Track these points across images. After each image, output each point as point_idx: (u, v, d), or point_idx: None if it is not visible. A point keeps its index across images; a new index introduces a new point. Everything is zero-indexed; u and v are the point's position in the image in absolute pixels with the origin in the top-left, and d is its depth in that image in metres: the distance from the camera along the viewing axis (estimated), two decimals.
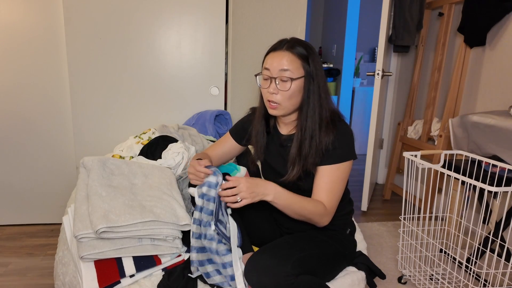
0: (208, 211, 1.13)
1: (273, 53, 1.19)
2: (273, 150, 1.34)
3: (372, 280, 1.31)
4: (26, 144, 2.27)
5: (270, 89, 1.18)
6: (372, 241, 2.23)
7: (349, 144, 1.20)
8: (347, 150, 1.20)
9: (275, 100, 1.18)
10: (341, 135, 1.19)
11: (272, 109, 1.21)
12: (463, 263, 1.70)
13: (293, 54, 1.17)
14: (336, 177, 1.19)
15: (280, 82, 1.17)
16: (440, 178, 2.46)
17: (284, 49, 1.18)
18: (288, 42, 1.19)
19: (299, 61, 1.17)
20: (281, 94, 1.17)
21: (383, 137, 3.30)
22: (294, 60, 1.17)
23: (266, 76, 1.19)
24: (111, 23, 2.10)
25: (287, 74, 1.15)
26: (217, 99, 2.30)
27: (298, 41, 1.20)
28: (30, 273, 1.87)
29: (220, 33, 2.21)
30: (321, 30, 4.75)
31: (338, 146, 1.18)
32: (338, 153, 1.18)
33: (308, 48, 1.19)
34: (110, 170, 1.42)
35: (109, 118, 2.21)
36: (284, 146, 1.29)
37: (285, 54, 1.17)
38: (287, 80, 1.16)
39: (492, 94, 2.22)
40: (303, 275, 1.06)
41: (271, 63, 1.17)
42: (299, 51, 1.17)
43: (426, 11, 2.72)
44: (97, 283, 1.09)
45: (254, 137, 1.35)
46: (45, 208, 2.37)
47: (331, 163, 1.19)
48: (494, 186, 1.56)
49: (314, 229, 1.30)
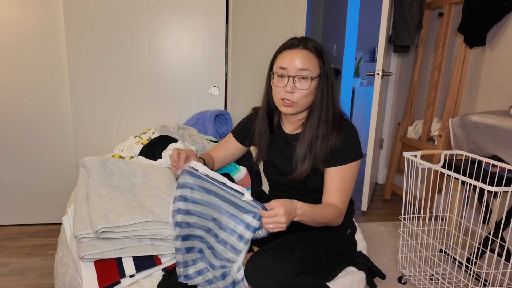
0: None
1: (288, 51, 1.18)
2: (276, 149, 1.34)
3: (372, 280, 1.31)
4: (26, 144, 2.27)
5: (288, 87, 1.16)
6: (372, 241, 2.23)
7: (356, 144, 1.21)
8: (355, 150, 1.21)
9: (291, 98, 1.17)
10: (348, 135, 1.20)
11: (286, 107, 1.19)
12: (463, 263, 1.70)
13: (311, 52, 1.16)
14: (347, 177, 1.20)
15: (298, 81, 1.16)
16: (440, 178, 2.46)
17: (301, 48, 1.17)
18: (302, 40, 1.18)
19: (316, 60, 1.17)
20: (298, 93, 1.16)
21: (383, 137, 3.30)
22: (312, 58, 1.16)
23: (283, 74, 1.17)
24: (111, 23, 2.10)
25: (305, 73, 1.15)
26: (217, 99, 2.30)
27: (310, 39, 1.19)
28: (30, 273, 1.87)
29: (220, 33, 2.21)
30: (321, 30, 4.75)
31: (345, 147, 1.19)
32: (346, 154, 1.19)
33: (321, 46, 1.19)
34: (110, 170, 1.42)
35: (109, 118, 2.21)
36: (289, 144, 1.29)
37: (303, 53, 1.16)
38: (306, 79, 1.15)
39: (492, 94, 2.22)
40: (303, 275, 1.06)
41: (289, 61, 1.16)
42: (316, 49, 1.17)
43: (426, 11, 2.72)
44: (97, 283, 1.09)
45: (257, 136, 1.34)
46: (45, 208, 2.37)
47: (340, 164, 1.19)
48: (494, 186, 1.56)
49: (315, 229, 1.30)
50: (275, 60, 1.22)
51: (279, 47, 1.22)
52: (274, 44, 2.39)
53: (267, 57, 2.35)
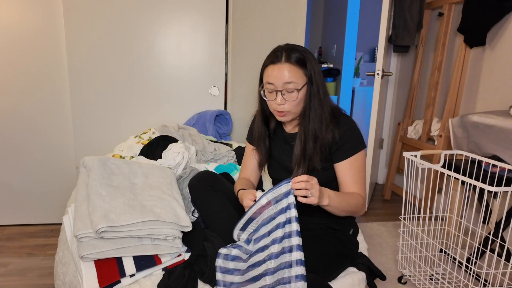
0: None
1: (272, 66, 1.20)
2: (279, 149, 1.37)
3: (372, 281, 1.31)
4: (26, 144, 2.27)
5: (277, 101, 1.21)
6: (372, 241, 2.23)
7: (358, 135, 1.25)
8: (358, 140, 1.25)
9: (283, 109, 1.22)
10: (346, 128, 1.23)
11: (281, 116, 1.24)
12: (463, 263, 1.70)
13: (293, 65, 1.19)
14: (357, 167, 1.24)
15: (286, 93, 1.20)
16: (440, 178, 2.46)
17: (283, 62, 1.19)
18: (284, 52, 1.20)
19: (300, 70, 1.19)
20: (288, 104, 1.21)
21: (383, 137, 3.30)
22: (295, 70, 1.19)
23: (271, 89, 1.21)
24: (111, 23, 2.10)
25: (291, 86, 1.18)
26: (217, 99, 2.30)
27: (293, 48, 1.21)
28: (30, 273, 1.87)
29: (220, 33, 2.22)
30: (321, 30, 4.75)
31: (348, 139, 1.23)
32: (351, 145, 1.23)
33: (303, 52, 1.21)
34: (110, 169, 1.42)
35: (109, 118, 2.21)
36: (289, 144, 1.33)
37: (285, 67, 1.18)
38: (292, 91, 1.19)
39: (492, 94, 2.22)
40: (305, 274, 1.06)
41: (275, 77, 1.19)
42: (298, 59, 1.19)
43: (426, 11, 2.72)
44: (97, 283, 1.09)
45: (256, 141, 1.38)
46: (45, 208, 2.37)
47: (348, 156, 1.23)
48: (494, 186, 1.56)
49: (318, 228, 1.31)
50: (263, 73, 1.25)
51: (265, 59, 1.25)
52: (274, 44, 2.37)
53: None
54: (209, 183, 1.37)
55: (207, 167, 1.72)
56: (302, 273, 0.99)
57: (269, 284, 1.03)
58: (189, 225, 1.24)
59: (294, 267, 1.00)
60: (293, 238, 1.04)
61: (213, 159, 1.85)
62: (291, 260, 1.02)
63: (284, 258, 1.03)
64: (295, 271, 1.00)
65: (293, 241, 1.03)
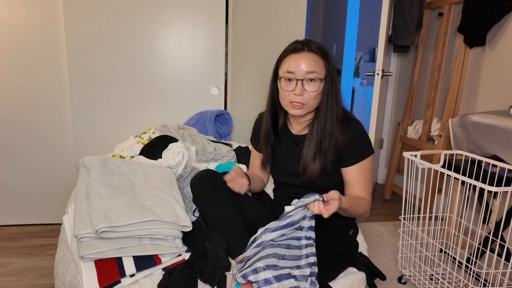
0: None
1: (293, 55, 1.19)
2: (284, 150, 1.35)
3: (372, 281, 1.31)
4: (26, 144, 2.27)
5: (297, 90, 1.17)
6: (372, 241, 2.23)
7: (367, 139, 1.25)
8: (367, 145, 1.24)
9: (301, 101, 1.19)
10: (356, 132, 1.22)
11: (296, 109, 1.21)
12: (463, 263, 1.70)
13: (317, 54, 1.18)
14: (365, 172, 1.24)
15: (307, 83, 1.18)
16: (440, 178, 2.46)
17: (306, 51, 1.18)
18: (306, 43, 1.20)
19: (322, 61, 1.19)
20: (307, 95, 1.18)
21: (383, 137, 3.30)
22: (318, 60, 1.18)
23: (291, 78, 1.19)
24: (111, 23, 2.10)
25: (314, 75, 1.17)
26: (217, 99, 2.30)
27: (313, 41, 1.21)
28: (30, 273, 1.87)
29: (220, 33, 2.22)
30: (321, 30, 4.75)
31: (357, 144, 1.22)
32: (360, 151, 1.22)
33: (324, 47, 1.21)
34: (110, 169, 1.42)
35: (109, 118, 2.21)
36: (297, 145, 1.31)
37: (309, 55, 1.18)
38: (315, 81, 1.17)
39: (492, 94, 2.22)
40: None
41: (296, 65, 1.17)
42: (321, 50, 1.19)
43: (426, 11, 2.72)
44: (97, 283, 1.09)
45: (262, 140, 1.37)
46: (45, 208, 2.37)
47: (357, 161, 1.23)
48: (494, 186, 1.56)
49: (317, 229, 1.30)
50: (280, 64, 1.23)
51: (282, 51, 1.24)
52: (274, 44, 2.40)
53: (267, 57, 2.37)
54: (211, 181, 1.36)
55: (208, 166, 1.72)
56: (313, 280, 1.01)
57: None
58: (189, 225, 1.24)
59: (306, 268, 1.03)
60: (311, 248, 1.07)
61: (213, 159, 1.85)
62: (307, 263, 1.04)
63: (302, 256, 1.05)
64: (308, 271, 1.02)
65: (310, 249, 1.06)
